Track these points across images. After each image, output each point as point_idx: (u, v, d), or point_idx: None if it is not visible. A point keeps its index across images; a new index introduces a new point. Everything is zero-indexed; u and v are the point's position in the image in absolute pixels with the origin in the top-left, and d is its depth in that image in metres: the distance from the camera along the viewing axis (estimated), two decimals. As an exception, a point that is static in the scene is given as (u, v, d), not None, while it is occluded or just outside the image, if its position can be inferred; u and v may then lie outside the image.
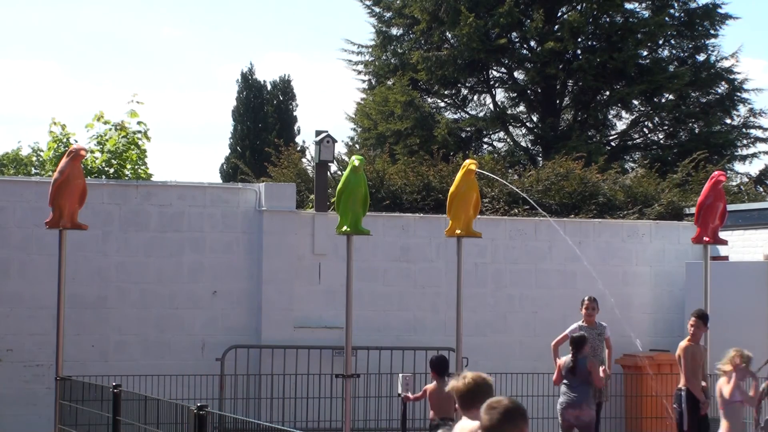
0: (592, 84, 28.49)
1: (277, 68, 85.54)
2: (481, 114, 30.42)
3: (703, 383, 13.36)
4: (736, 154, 29.58)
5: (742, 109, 29.75)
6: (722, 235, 14.27)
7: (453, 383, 6.33)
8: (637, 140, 30.61)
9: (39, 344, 14.52)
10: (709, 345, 13.69)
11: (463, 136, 29.71)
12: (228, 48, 69.43)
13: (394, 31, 31.13)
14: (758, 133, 29.87)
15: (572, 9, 28.92)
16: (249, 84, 43.13)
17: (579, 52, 28.89)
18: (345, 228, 11.94)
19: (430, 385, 12.31)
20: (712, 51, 29.84)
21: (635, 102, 29.53)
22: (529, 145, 30.34)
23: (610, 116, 30.18)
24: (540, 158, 28.30)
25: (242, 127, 42.26)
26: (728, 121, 29.89)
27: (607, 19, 29.15)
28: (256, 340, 15.45)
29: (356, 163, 11.80)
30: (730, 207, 15.56)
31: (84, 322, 14.77)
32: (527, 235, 16.92)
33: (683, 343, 13.18)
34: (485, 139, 30.87)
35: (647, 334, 17.22)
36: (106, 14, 66.24)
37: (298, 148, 29.79)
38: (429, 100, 30.61)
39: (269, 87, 43.41)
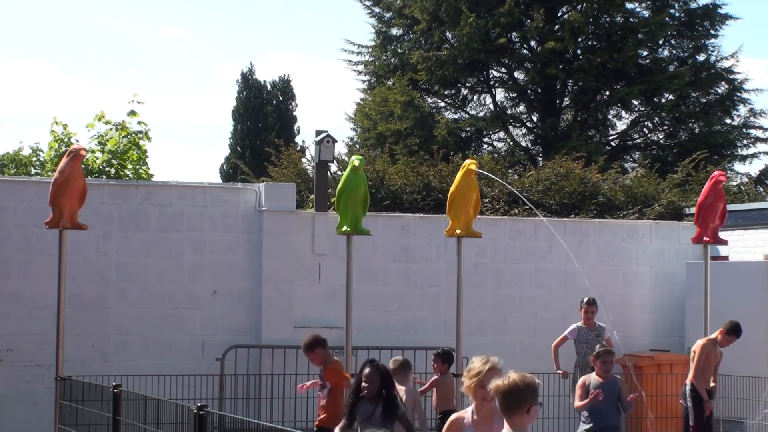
0: (592, 84, 28.51)
1: (277, 68, 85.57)
2: (481, 114, 30.44)
3: (713, 383, 13.37)
4: (736, 154, 29.61)
5: (742, 109, 29.82)
6: (722, 235, 14.27)
7: (496, 383, 6.06)
8: (637, 140, 30.62)
9: (39, 344, 14.51)
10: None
11: (463, 136, 29.72)
12: (228, 48, 69.49)
13: (394, 31, 31.14)
14: (758, 133, 29.92)
15: (572, 9, 28.94)
16: (249, 84, 43.11)
17: (579, 52, 28.91)
18: (345, 228, 11.94)
19: (436, 377, 12.60)
20: (712, 51, 29.88)
21: (635, 102, 29.56)
22: (529, 145, 30.35)
23: (610, 116, 30.21)
24: (540, 158, 28.30)
25: (242, 127, 42.25)
26: (728, 121, 29.92)
27: (608, 19, 29.17)
28: (256, 340, 15.45)
29: (356, 163, 11.80)
30: (730, 207, 15.55)
31: (84, 322, 14.76)
32: (527, 235, 16.92)
33: (702, 341, 13.18)
34: (485, 139, 30.88)
35: (647, 334, 17.22)
36: (107, 14, 66.29)
37: (298, 148, 29.81)
38: (429, 100, 30.63)
39: (269, 87, 43.39)
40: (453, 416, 7.38)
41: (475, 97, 31.08)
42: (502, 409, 6.01)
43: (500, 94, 30.72)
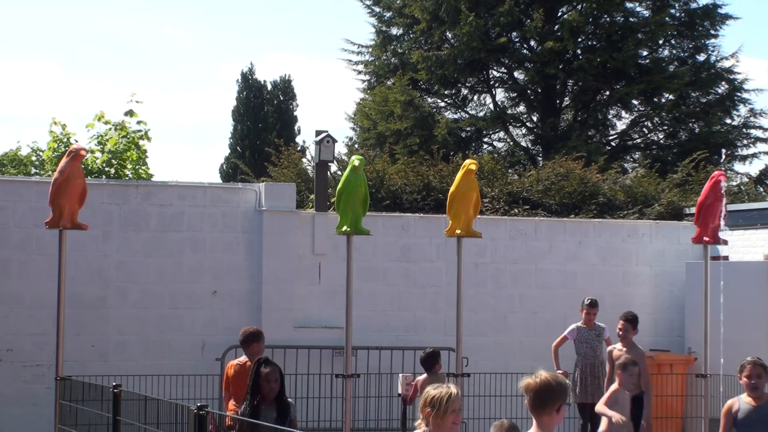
0: (592, 84, 28.51)
1: (277, 68, 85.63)
2: (481, 114, 30.44)
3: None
4: (736, 154, 29.60)
5: (743, 109, 29.82)
6: (722, 235, 14.24)
7: (527, 381, 5.94)
8: (637, 140, 30.62)
9: (39, 344, 14.51)
10: (710, 346, 13.63)
11: (463, 136, 29.73)
12: (228, 48, 69.51)
13: (394, 30, 31.15)
14: (758, 133, 29.91)
15: (572, 9, 28.94)
16: (249, 84, 43.14)
17: (579, 51, 28.91)
18: (345, 228, 11.93)
19: (420, 378, 12.60)
20: (713, 51, 29.89)
21: (635, 102, 29.57)
22: (529, 145, 30.36)
23: (610, 116, 30.21)
24: (540, 158, 28.30)
25: (242, 127, 42.28)
26: (728, 121, 29.92)
27: (607, 19, 29.17)
28: (256, 340, 15.43)
29: (356, 163, 11.79)
30: (730, 207, 15.54)
31: (84, 322, 14.76)
32: (527, 235, 16.92)
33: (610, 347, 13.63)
34: (485, 139, 30.89)
35: (647, 334, 17.19)
36: (107, 14, 66.30)
37: (298, 148, 29.81)
38: (429, 99, 30.64)
39: (269, 87, 43.42)
40: None
41: (475, 97, 31.10)
42: (532, 408, 5.96)
43: (500, 94, 30.77)
